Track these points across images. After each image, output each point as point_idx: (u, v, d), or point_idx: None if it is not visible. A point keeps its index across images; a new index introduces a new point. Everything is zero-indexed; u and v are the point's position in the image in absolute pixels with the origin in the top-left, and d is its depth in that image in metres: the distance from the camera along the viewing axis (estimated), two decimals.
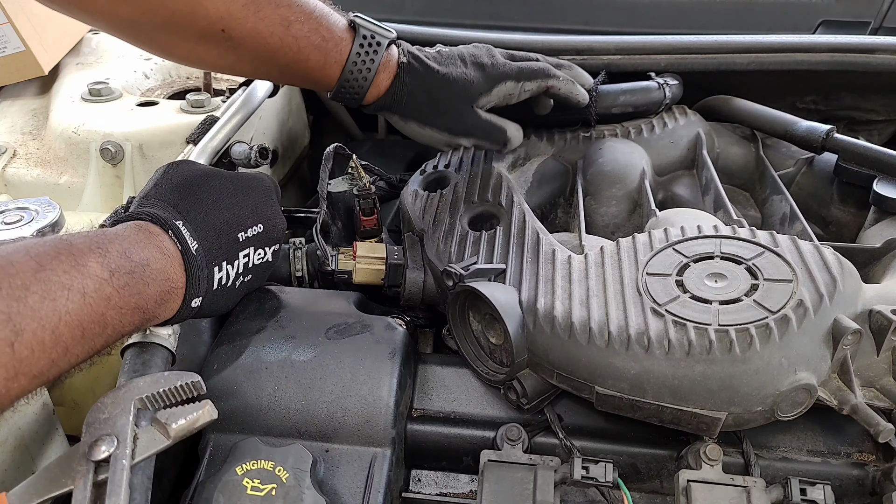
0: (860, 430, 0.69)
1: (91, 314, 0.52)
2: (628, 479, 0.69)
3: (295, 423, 0.68)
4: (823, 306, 0.63)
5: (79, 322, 0.51)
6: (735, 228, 0.75)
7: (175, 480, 0.72)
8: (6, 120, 1.13)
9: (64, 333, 0.50)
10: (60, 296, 0.50)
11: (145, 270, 0.57)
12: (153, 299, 0.58)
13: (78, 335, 0.51)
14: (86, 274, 0.52)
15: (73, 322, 0.51)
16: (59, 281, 0.50)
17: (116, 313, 0.54)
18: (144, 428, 0.54)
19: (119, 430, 0.52)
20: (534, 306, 0.70)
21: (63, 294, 0.50)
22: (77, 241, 0.54)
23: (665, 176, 1.03)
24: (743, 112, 1.07)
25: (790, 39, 1.08)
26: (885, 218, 0.88)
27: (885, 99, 1.14)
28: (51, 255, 0.51)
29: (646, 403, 0.64)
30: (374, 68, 0.84)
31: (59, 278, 0.50)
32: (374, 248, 0.86)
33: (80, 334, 0.51)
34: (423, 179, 0.97)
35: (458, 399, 0.75)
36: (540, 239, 0.79)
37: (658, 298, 0.67)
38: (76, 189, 1.03)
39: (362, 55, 0.83)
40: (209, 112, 1.05)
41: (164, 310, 0.61)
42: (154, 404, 0.56)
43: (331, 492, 0.64)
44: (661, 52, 1.08)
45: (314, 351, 0.72)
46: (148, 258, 0.58)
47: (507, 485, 0.65)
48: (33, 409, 0.65)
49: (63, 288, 0.50)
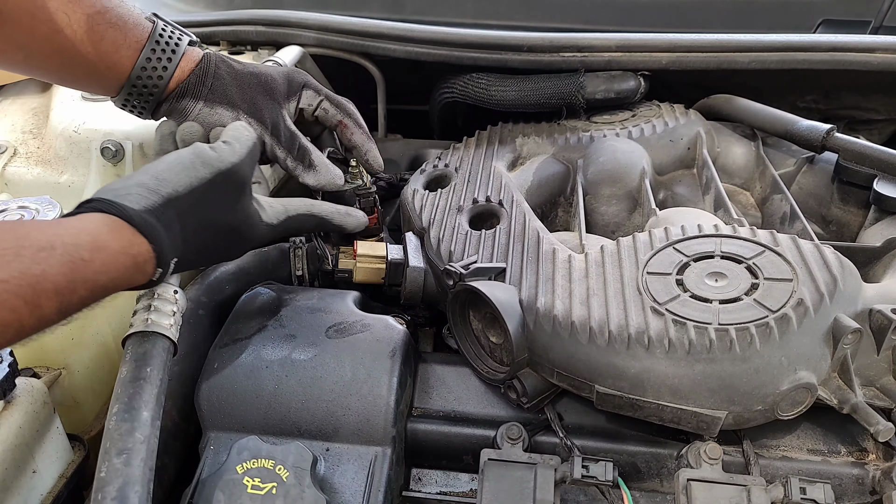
0: (860, 430, 0.69)
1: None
2: (628, 478, 0.69)
3: (295, 422, 0.68)
4: (824, 305, 0.63)
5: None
6: (735, 227, 0.75)
7: (175, 479, 0.72)
8: (7, 119, 1.12)
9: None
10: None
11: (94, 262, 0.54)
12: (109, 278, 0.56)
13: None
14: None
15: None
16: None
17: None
18: None
19: None
20: (534, 305, 0.70)
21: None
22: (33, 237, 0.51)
23: (665, 175, 1.03)
24: (743, 111, 1.07)
25: (791, 38, 1.08)
26: (885, 217, 0.88)
27: (885, 98, 1.14)
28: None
29: (646, 402, 0.64)
30: (182, 45, 0.76)
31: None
32: (375, 247, 0.86)
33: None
34: (423, 178, 0.97)
35: (458, 398, 0.75)
36: (540, 238, 0.79)
37: (658, 297, 0.67)
38: (77, 188, 1.03)
39: (166, 36, 0.75)
40: None
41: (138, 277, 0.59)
42: None
43: (331, 490, 0.64)
44: (662, 49, 1.08)
45: (314, 350, 0.72)
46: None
47: (508, 483, 0.65)
48: (33, 408, 0.65)
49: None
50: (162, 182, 0.61)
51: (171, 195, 0.61)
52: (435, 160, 1.01)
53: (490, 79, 1.11)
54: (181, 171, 0.63)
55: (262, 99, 0.79)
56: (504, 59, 1.11)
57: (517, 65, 1.10)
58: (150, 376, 0.58)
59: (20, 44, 0.70)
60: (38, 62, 0.73)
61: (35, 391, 0.66)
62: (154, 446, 0.56)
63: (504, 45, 1.10)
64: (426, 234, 0.85)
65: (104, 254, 0.54)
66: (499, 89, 1.10)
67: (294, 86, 0.83)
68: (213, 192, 0.65)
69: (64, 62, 0.73)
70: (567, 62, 1.09)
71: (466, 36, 1.12)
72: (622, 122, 1.06)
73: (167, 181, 0.62)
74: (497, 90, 1.10)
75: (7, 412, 0.62)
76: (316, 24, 1.20)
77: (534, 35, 1.11)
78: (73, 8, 0.70)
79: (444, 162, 1.00)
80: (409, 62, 1.16)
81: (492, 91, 1.10)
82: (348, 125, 0.86)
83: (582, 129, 1.04)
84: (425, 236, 0.85)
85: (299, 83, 0.84)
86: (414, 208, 0.90)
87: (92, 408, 0.81)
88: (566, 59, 1.09)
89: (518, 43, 1.10)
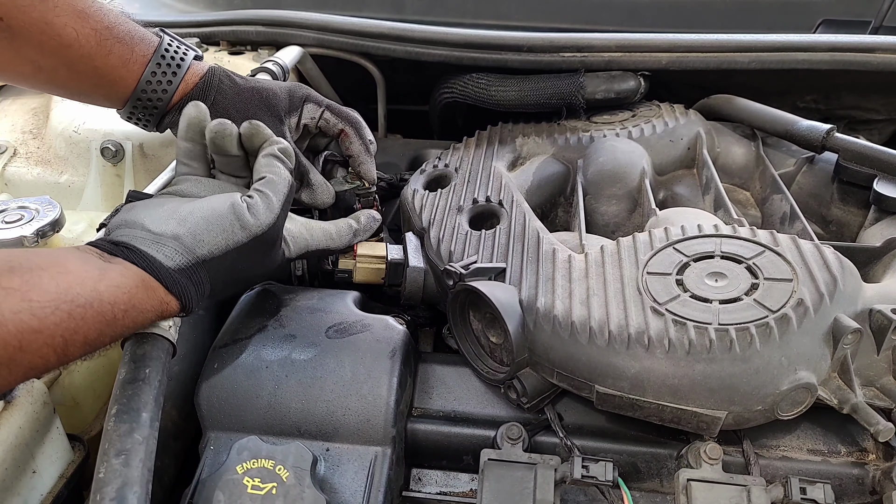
0: (860, 430, 0.69)
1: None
2: (628, 478, 0.69)
3: (295, 422, 0.68)
4: (824, 305, 0.63)
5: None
6: (735, 227, 0.75)
7: (175, 479, 0.72)
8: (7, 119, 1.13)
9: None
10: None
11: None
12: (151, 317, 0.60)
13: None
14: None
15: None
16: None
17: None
18: None
19: None
20: (534, 305, 0.70)
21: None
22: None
23: (665, 175, 1.03)
24: (743, 111, 1.07)
25: (791, 38, 1.08)
26: (885, 217, 0.88)
27: (885, 98, 1.14)
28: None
29: (646, 402, 0.64)
30: (187, 60, 0.77)
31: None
32: (375, 248, 0.86)
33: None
34: (423, 178, 0.97)
35: (458, 398, 0.75)
36: (540, 238, 0.79)
37: (658, 297, 0.67)
38: (77, 188, 1.03)
39: (172, 51, 0.77)
40: None
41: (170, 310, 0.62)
42: None
43: (331, 490, 0.64)
44: (662, 49, 1.08)
45: (314, 350, 0.72)
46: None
47: (508, 484, 0.65)
48: (33, 408, 0.65)
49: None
50: (198, 242, 0.62)
51: (206, 257, 0.63)
52: (435, 160, 1.01)
53: (490, 79, 1.11)
54: (219, 234, 0.64)
55: (263, 115, 0.80)
56: (504, 59, 1.11)
57: (517, 65, 1.10)
58: (149, 377, 0.59)
59: (29, 58, 0.71)
60: (47, 76, 0.74)
61: (35, 391, 0.65)
62: (153, 447, 0.56)
63: (504, 45, 1.10)
64: (426, 234, 0.85)
65: (136, 312, 0.57)
66: (499, 89, 1.10)
67: (295, 101, 0.84)
68: (247, 253, 0.66)
69: (72, 76, 0.74)
70: (567, 62, 1.09)
71: (466, 36, 1.12)
72: (622, 122, 1.06)
73: (203, 242, 0.63)
74: (497, 90, 1.10)
75: (7, 412, 0.62)
76: (316, 24, 1.20)
77: (534, 35, 1.11)
78: (81, 24, 0.71)
79: (444, 162, 1.00)
80: (409, 62, 1.16)
81: (492, 91, 1.10)
82: (349, 134, 0.86)
83: (582, 129, 1.04)
84: (425, 236, 0.85)
85: (301, 97, 0.84)
86: (414, 208, 0.90)
87: (92, 408, 0.81)
88: (566, 59, 1.09)
89: (518, 43, 1.10)
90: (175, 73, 0.76)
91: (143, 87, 0.76)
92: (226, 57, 1.25)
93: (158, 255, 0.60)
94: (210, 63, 0.81)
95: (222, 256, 0.63)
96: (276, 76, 1.00)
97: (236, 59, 1.25)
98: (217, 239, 0.63)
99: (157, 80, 0.76)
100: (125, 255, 0.59)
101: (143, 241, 0.61)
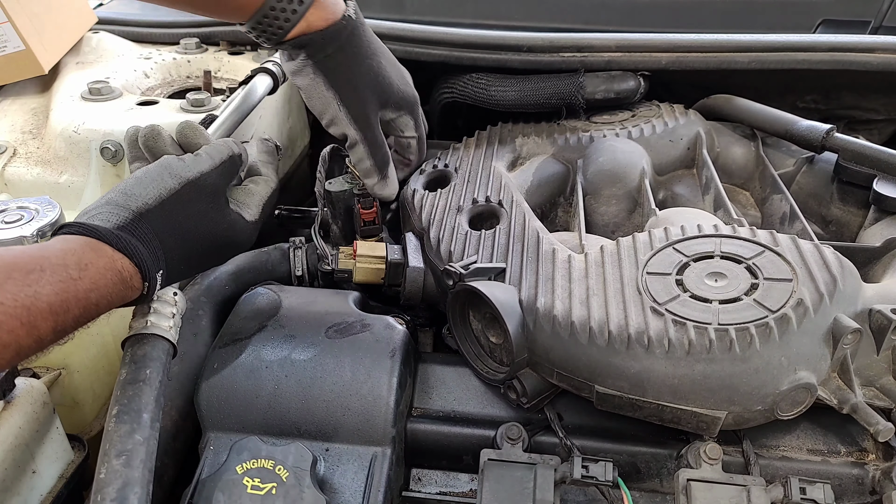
0: (860, 430, 0.69)
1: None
2: (628, 478, 0.69)
3: (295, 422, 0.68)
4: (823, 305, 0.63)
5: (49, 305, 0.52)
6: (735, 227, 0.75)
7: (175, 479, 0.72)
8: (6, 119, 1.12)
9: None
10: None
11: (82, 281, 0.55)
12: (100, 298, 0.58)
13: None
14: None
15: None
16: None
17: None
18: None
19: None
20: (534, 305, 0.70)
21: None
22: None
23: (665, 175, 1.03)
24: (743, 111, 1.07)
25: (790, 38, 1.08)
26: (884, 217, 0.88)
27: (885, 98, 1.14)
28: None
29: (646, 402, 0.64)
30: (307, 2, 0.79)
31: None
32: (375, 247, 0.86)
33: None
34: (423, 178, 0.97)
35: (458, 398, 0.75)
36: (540, 238, 0.79)
37: (658, 297, 0.67)
38: (76, 188, 1.03)
39: None
40: (209, 111, 1.05)
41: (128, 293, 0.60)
42: None
43: (331, 491, 0.64)
44: (662, 49, 1.08)
45: (314, 350, 0.72)
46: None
47: (507, 484, 0.65)
48: (33, 408, 0.65)
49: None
50: (130, 197, 0.62)
51: (142, 209, 0.61)
52: (435, 160, 1.01)
53: (490, 79, 1.11)
54: (149, 184, 0.63)
55: (367, 96, 0.83)
56: (504, 59, 1.11)
57: (517, 65, 1.10)
58: (150, 378, 0.59)
59: None
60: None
61: (35, 391, 0.66)
62: (153, 448, 0.56)
63: (504, 46, 1.10)
64: (426, 234, 0.85)
65: (91, 271, 0.55)
66: (499, 89, 1.10)
67: (401, 106, 0.89)
68: (184, 202, 0.65)
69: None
70: (567, 62, 1.09)
71: (466, 36, 1.12)
72: (622, 123, 1.06)
73: (135, 196, 0.62)
74: (497, 90, 1.10)
75: (7, 412, 0.62)
76: None
77: (533, 35, 1.11)
78: None
79: (444, 162, 1.00)
80: (409, 62, 1.16)
81: (492, 91, 1.10)
82: (404, 157, 0.93)
83: (582, 130, 1.04)
84: (425, 236, 0.85)
85: (408, 105, 0.89)
86: (414, 208, 0.90)
87: (92, 408, 0.81)
88: (566, 59, 1.09)
89: (518, 43, 1.10)
90: (295, 10, 0.78)
91: (270, 6, 0.78)
92: (226, 57, 1.25)
93: (94, 220, 0.59)
94: (350, 11, 0.83)
95: (159, 206, 0.62)
96: (275, 76, 1.00)
97: (236, 59, 1.25)
98: (148, 189, 0.63)
99: (280, 8, 0.78)
100: (64, 233, 0.58)
101: (81, 217, 0.60)
